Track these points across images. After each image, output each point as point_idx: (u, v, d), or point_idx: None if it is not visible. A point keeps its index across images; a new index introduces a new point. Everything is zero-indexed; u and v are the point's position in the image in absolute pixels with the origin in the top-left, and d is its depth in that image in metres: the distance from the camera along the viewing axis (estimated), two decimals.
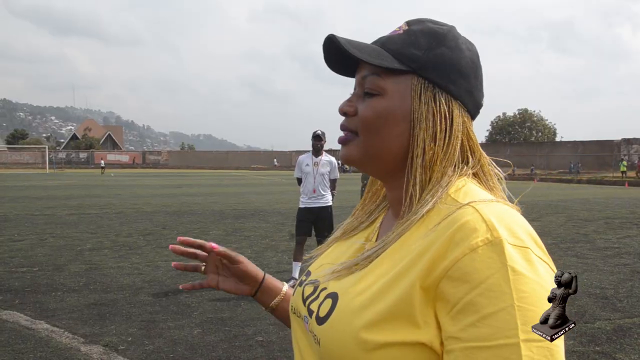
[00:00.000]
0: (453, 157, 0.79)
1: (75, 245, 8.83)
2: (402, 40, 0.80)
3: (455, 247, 0.66)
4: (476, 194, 0.75)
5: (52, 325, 4.68)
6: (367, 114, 0.80)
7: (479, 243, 0.65)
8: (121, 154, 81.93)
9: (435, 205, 0.75)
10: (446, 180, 0.77)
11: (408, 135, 0.79)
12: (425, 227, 0.73)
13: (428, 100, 0.78)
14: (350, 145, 0.83)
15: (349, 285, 0.77)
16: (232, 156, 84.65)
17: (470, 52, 0.83)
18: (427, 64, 0.78)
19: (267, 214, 14.17)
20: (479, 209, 0.69)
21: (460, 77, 0.80)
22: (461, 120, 0.80)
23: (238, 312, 5.14)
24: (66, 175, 45.92)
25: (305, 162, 6.45)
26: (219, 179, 40.25)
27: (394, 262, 0.74)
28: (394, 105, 0.79)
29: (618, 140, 49.43)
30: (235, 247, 8.82)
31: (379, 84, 0.79)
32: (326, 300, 0.78)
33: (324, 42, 0.82)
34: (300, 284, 0.91)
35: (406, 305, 0.68)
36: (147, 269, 7.04)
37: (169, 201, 18.17)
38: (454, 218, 0.70)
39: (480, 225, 0.67)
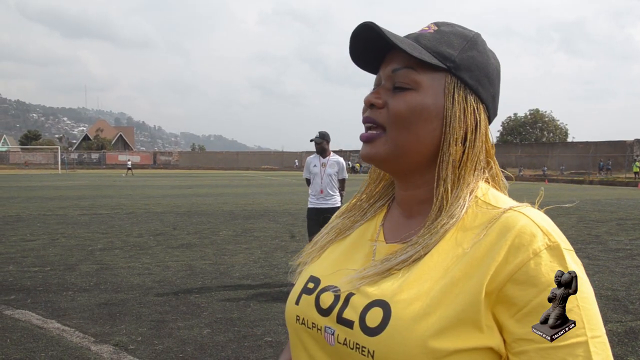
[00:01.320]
0: (480, 159, 0.80)
1: (86, 245, 8.89)
2: (436, 39, 0.80)
3: (517, 252, 0.68)
4: (504, 198, 0.78)
5: (63, 325, 4.72)
6: (400, 108, 0.77)
7: (540, 247, 0.68)
8: (132, 155, 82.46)
9: (468, 207, 0.76)
10: (473, 182, 0.79)
11: (438, 133, 0.78)
12: (463, 228, 0.75)
13: (461, 100, 0.78)
14: (377, 143, 0.80)
15: (396, 291, 0.73)
16: (242, 157, 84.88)
17: (495, 60, 0.84)
18: (461, 64, 0.78)
19: (277, 214, 14.19)
20: (527, 214, 0.72)
21: (488, 81, 0.81)
22: (484, 124, 0.81)
23: (247, 312, 5.16)
24: (78, 175, 46.28)
25: (313, 162, 6.48)
26: (229, 179, 40.37)
27: (445, 265, 0.72)
28: (428, 101, 0.77)
29: (631, 141, 48.95)
30: (245, 247, 8.85)
31: (414, 78, 0.78)
32: (373, 310, 0.73)
33: (356, 30, 0.79)
34: (307, 292, 0.84)
35: (473, 310, 0.68)
36: (157, 269, 7.08)
37: (179, 202, 18.25)
38: (506, 223, 0.71)
39: (536, 231, 0.69)
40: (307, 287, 0.85)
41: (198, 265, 7.32)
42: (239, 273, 6.89)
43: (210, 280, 6.45)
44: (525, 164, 54.75)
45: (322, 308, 0.79)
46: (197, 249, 8.65)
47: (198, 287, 6.10)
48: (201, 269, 7.11)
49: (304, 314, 0.82)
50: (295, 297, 0.85)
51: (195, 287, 6.10)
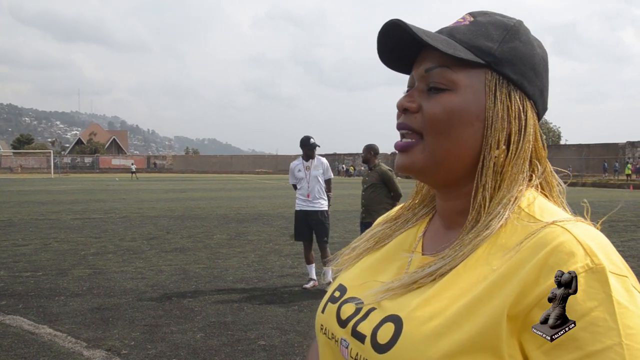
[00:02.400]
0: (525, 164, 0.72)
1: (79, 250, 8.84)
2: (472, 31, 0.72)
3: (550, 273, 0.59)
4: (554, 210, 0.69)
5: (55, 330, 4.68)
6: (436, 111, 0.70)
7: (578, 269, 0.58)
8: (126, 159, 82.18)
9: (508, 220, 0.68)
10: (517, 190, 0.70)
11: (480, 137, 0.70)
12: (499, 244, 0.66)
13: (504, 98, 0.70)
14: (414, 152, 0.72)
15: (413, 307, 0.67)
16: (237, 160, 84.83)
17: (541, 48, 0.75)
18: (502, 58, 0.71)
19: (270, 217, 14.17)
20: (570, 229, 0.62)
21: (534, 74, 0.72)
22: (532, 122, 0.73)
23: (241, 316, 5.13)
24: (71, 180, 46.09)
25: (298, 167, 6.49)
26: (223, 183, 40.31)
27: (469, 282, 0.65)
28: (467, 101, 0.70)
29: (623, 144, 49.26)
30: (239, 251, 8.83)
31: (450, 78, 0.70)
32: (386, 325, 0.68)
33: (383, 28, 0.72)
34: (332, 301, 0.80)
35: (492, 336, 0.60)
36: (151, 273, 7.04)
37: (173, 205, 18.20)
38: (544, 238, 0.62)
39: (577, 249, 0.60)
40: (334, 295, 0.81)
41: (192, 269, 7.29)
42: (233, 277, 6.86)
43: (203, 284, 6.42)
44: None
45: (342, 319, 0.75)
46: (191, 253, 8.62)
47: (192, 291, 6.07)
48: (195, 272, 7.08)
49: (326, 323, 0.79)
50: (323, 305, 0.81)
51: (189, 291, 6.07)
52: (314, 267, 6.44)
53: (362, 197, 6.41)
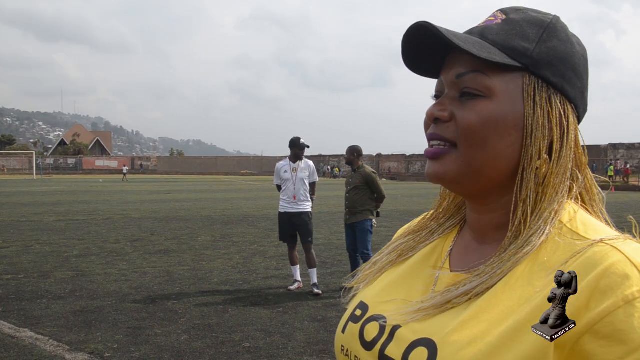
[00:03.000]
0: (566, 173, 0.66)
1: (62, 252, 8.75)
2: (505, 31, 0.66)
3: (603, 297, 0.54)
4: (598, 226, 0.64)
5: (36, 333, 4.63)
6: (471, 120, 0.64)
7: (635, 294, 0.53)
8: (110, 160, 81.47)
9: (549, 235, 0.63)
10: (558, 203, 0.65)
11: (519, 146, 0.65)
12: (540, 263, 0.61)
13: (543, 104, 0.65)
14: (446, 160, 0.67)
15: (448, 330, 0.62)
16: (222, 162, 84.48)
17: (580, 46, 0.69)
18: (541, 59, 0.65)
19: (255, 219, 14.14)
20: (621, 249, 0.57)
21: (575, 75, 0.67)
22: (574, 128, 0.67)
23: (225, 318, 5.12)
24: (54, 181, 45.56)
25: (284, 168, 6.48)
26: (208, 184, 40.11)
27: (509, 304, 0.60)
28: (504, 109, 0.64)
29: (605, 145, 49.93)
30: (223, 252, 8.79)
31: (485, 83, 0.64)
32: (418, 349, 0.63)
33: (408, 31, 0.67)
34: (354, 320, 0.74)
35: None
36: (135, 275, 6.99)
37: (157, 207, 18.08)
38: (592, 259, 0.57)
39: (631, 271, 0.55)
40: (355, 314, 0.75)
41: (176, 271, 7.25)
42: (218, 279, 6.84)
43: (188, 286, 6.39)
44: None
45: (366, 340, 0.70)
46: (175, 255, 8.57)
47: (176, 293, 6.04)
48: (179, 275, 7.05)
49: (348, 344, 0.73)
50: (343, 324, 0.76)
51: (173, 293, 6.03)
52: (298, 269, 6.43)
53: (345, 198, 6.42)
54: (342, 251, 8.74)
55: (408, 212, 16.23)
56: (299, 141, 6.42)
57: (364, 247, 6.20)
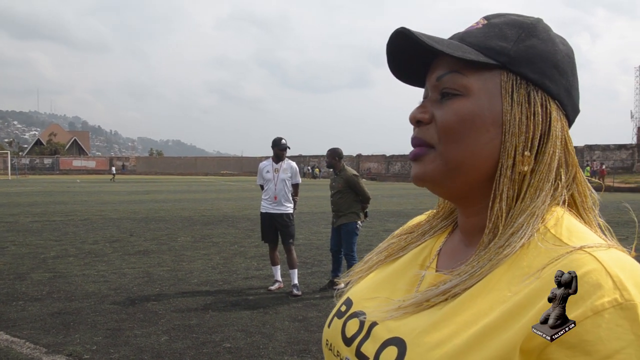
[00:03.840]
0: (550, 171, 0.65)
1: (38, 253, 8.62)
2: (485, 33, 0.68)
3: (573, 306, 0.52)
4: (583, 233, 0.62)
5: (12, 336, 4.56)
6: (448, 119, 0.66)
7: (605, 305, 0.52)
8: (88, 160, 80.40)
9: (531, 239, 0.61)
10: (542, 201, 0.64)
11: (498, 143, 0.65)
12: (519, 267, 0.60)
13: (522, 100, 0.65)
14: (425, 161, 0.68)
15: (420, 330, 0.62)
16: (201, 162, 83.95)
17: (565, 46, 0.70)
18: (519, 57, 0.65)
19: (236, 219, 14.09)
20: (599, 257, 0.56)
21: (557, 72, 0.67)
22: (560, 125, 0.67)
23: (206, 319, 5.10)
24: (30, 181, 44.81)
25: (266, 168, 6.48)
26: (187, 184, 39.83)
27: (481, 308, 0.59)
28: (481, 106, 0.65)
29: (581, 147, 50.80)
30: (203, 253, 8.75)
31: (462, 82, 0.66)
32: (389, 348, 0.63)
33: (391, 38, 0.68)
34: (339, 316, 0.76)
35: None
36: (114, 276, 6.92)
37: (136, 207, 17.90)
38: (568, 266, 0.55)
39: (605, 281, 0.53)
40: (340, 309, 0.76)
41: (155, 272, 7.19)
42: (198, 279, 6.80)
43: (168, 287, 6.34)
44: None
45: (347, 336, 0.71)
46: (155, 256, 8.50)
47: (155, 294, 5.99)
48: (159, 275, 6.99)
49: (332, 339, 0.74)
50: (329, 319, 0.77)
51: (153, 294, 5.99)
52: (279, 269, 6.43)
53: (331, 202, 6.46)
54: (323, 251, 8.76)
55: (388, 212, 16.31)
56: (280, 141, 6.42)
57: (348, 249, 6.23)
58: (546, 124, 0.66)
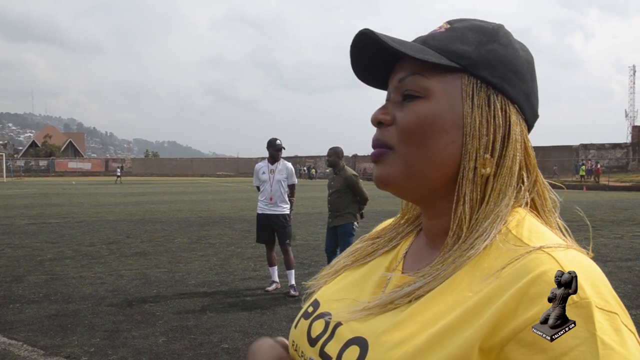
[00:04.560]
0: (512, 174, 0.66)
1: (35, 256, 8.60)
2: (447, 37, 0.69)
3: (530, 304, 0.54)
4: (544, 234, 0.63)
5: (9, 339, 4.55)
6: (408, 120, 0.66)
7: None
8: (83, 162, 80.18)
9: (493, 240, 0.62)
10: (504, 205, 0.65)
11: (459, 145, 0.66)
12: (480, 268, 0.61)
13: (482, 103, 0.66)
14: (386, 162, 0.68)
15: (382, 330, 0.62)
16: (197, 163, 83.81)
17: (525, 52, 0.71)
18: (480, 61, 0.66)
19: (232, 221, 14.09)
20: (557, 257, 0.57)
21: (516, 77, 0.68)
22: (519, 129, 0.68)
23: (203, 320, 5.10)
24: (25, 183, 44.67)
25: (262, 169, 6.50)
26: (183, 186, 39.78)
27: (442, 308, 0.60)
28: (442, 108, 0.66)
29: (576, 146, 50.95)
30: (200, 254, 8.75)
31: (423, 84, 0.66)
32: (351, 348, 0.64)
33: (354, 40, 0.69)
34: (305, 317, 0.76)
35: None
36: (111, 278, 6.92)
37: (132, 209, 17.88)
38: (526, 265, 0.57)
39: None
40: (307, 311, 0.77)
41: (153, 274, 7.19)
42: (195, 280, 6.81)
43: (165, 289, 6.35)
44: None
45: (312, 337, 0.71)
46: (152, 257, 8.50)
47: (153, 296, 6.00)
48: (156, 277, 6.99)
49: (298, 339, 0.74)
50: (296, 320, 0.77)
51: (150, 296, 5.99)
52: (276, 270, 6.44)
53: (328, 201, 6.45)
54: (319, 252, 8.77)
55: (384, 212, 16.34)
56: (275, 142, 6.44)
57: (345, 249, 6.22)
58: (506, 128, 0.67)
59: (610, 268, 7.67)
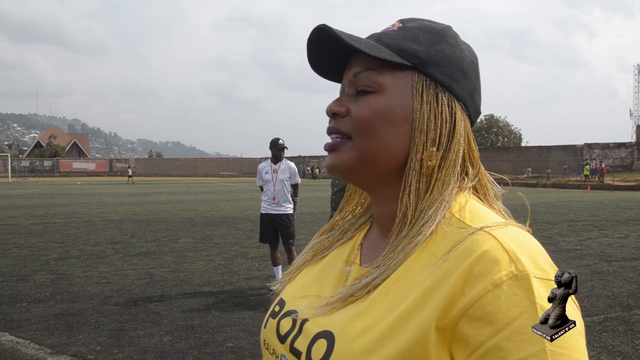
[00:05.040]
0: (455, 166, 0.71)
1: (40, 255, 8.65)
2: (399, 36, 0.73)
3: (475, 282, 0.59)
4: (484, 215, 0.68)
5: (17, 337, 4.59)
6: (363, 112, 0.71)
7: (502, 278, 0.58)
8: (87, 162, 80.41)
9: (439, 225, 0.67)
10: (448, 193, 0.69)
11: (408, 138, 0.71)
12: (429, 252, 0.65)
13: (430, 99, 0.71)
14: (341, 151, 0.73)
15: (345, 322, 0.66)
16: (201, 163, 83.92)
17: (470, 52, 0.76)
18: (429, 60, 0.71)
19: (236, 220, 14.12)
20: (496, 235, 0.62)
21: (462, 76, 0.73)
22: (463, 125, 0.73)
23: (208, 319, 5.13)
24: (30, 184, 44.84)
25: (265, 169, 6.54)
26: (187, 186, 39.85)
27: (399, 294, 0.64)
28: (394, 103, 0.70)
29: (581, 145, 50.78)
30: (205, 254, 8.79)
31: (376, 80, 0.71)
32: (319, 341, 0.67)
33: (311, 34, 0.72)
34: (273, 316, 0.79)
35: (421, 350, 0.59)
36: (116, 277, 6.96)
37: (137, 209, 17.93)
38: (470, 246, 0.62)
39: (502, 256, 0.59)
40: (274, 310, 0.80)
41: (157, 273, 7.23)
42: (199, 280, 6.84)
43: (170, 288, 6.38)
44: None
45: (281, 334, 0.75)
46: (156, 257, 8.54)
47: (158, 295, 6.03)
48: (161, 276, 7.03)
49: (268, 338, 0.78)
50: (265, 320, 0.81)
51: (155, 295, 6.03)
52: (280, 269, 6.47)
53: (331, 200, 6.44)
54: None
55: None
56: (277, 142, 6.48)
57: None
58: (452, 123, 0.71)
59: (615, 267, 7.67)
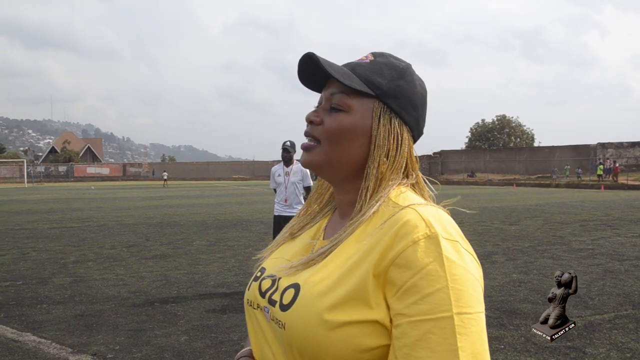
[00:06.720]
0: (399, 172, 0.94)
1: (58, 259, 8.83)
2: (369, 69, 0.94)
3: (400, 240, 0.80)
4: (413, 198, 0.90)
5: (39, 337, 4.74)
6: (332, 126, 0.92)
7: (419, 237, 0.79)
8: (101, 167, 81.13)
9: (380, 207, 0.89)
10: (389, 189, 0.91)
11: (365, 149, 0.93)
12: (373, 226, 0.87)
13: (386, 123, 0.92)
14: (313, 152, 0.95)
15: (308, 276, 0.88)
16: (213, 167, 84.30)
17: (421, 87, 0.98)
18: (389, 92, 0.93)
19: (249, 223, 14.25)
20: (418, 210, 0.83)
21: (412, 107, 0.95)
22: (408, 143, 0.95)
23: (224, 319, 5.25)
24: (46, 189, 45.39)
25: (278, 172, 6.67)
26: (200, 189, 40.11)
27: (348, 255, 0.86)
28: (357, 122, 0.92)
29: (594, 145, 50.34)
30: (219, 256, 8.92)
31: (346, 102, 0.92)
32: (288, 290, 0.89)
33: (302, 58, 0.94)
34: (255, 279, 1.01)
35: (362, 290, 0.80)
36: (132, 279, 7.10)
37: (151, 213, 18.14)
38: (398, 217, 0.83)
39: (420, 223, 0.81)
40: (256, 275, 1.02)
41: (173, 275, 7.36)
42: (214, 282, 6.96)
43: (185, 290, 6.51)
44: (493, 169, 55.49)
45: (262, 291, 0.96)
46: (171, 259, 8.68)
47: (174, 296, 6.16)
48: (176, 278, 7.16)
49: (252, 297, 0.99)
50: (249, 284, 1.03)
51: (171, 297, 6.15)
52: None
53: None
54: None
55: None
56: (284, 144, 6.60)
57: None
58: (399, 141, 0.94)
59: (627, 266, 7.68)
